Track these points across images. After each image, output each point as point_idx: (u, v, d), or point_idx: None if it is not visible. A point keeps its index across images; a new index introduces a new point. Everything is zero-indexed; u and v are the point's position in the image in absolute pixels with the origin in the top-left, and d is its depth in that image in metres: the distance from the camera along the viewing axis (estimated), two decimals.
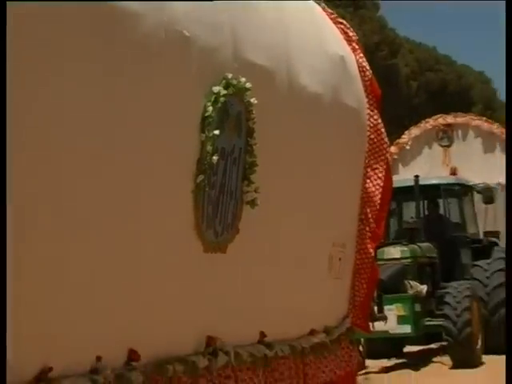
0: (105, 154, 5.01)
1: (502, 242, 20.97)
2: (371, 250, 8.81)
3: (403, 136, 22.23)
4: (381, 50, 47.02)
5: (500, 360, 16.90)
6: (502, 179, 22.62)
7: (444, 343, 17.31)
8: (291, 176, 7.09)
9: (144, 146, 5.35)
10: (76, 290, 4.90)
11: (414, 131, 22.93)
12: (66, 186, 4.74)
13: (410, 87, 55.79)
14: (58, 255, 4.76)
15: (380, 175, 8.74)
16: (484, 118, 24.43)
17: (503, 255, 19.87)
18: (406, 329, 16.54)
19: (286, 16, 7.43)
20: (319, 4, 8.79)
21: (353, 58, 8.60)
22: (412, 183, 17.90)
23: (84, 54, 4.74)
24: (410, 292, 16.50)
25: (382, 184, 8.73)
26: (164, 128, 5.52)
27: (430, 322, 16.84)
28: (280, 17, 7.25)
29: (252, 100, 6.26)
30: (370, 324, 9.72)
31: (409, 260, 16.95)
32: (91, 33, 4.79)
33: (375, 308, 9.84)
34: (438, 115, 23.44)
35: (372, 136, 8.71)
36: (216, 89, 5.95)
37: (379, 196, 8.71)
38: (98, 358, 5.16)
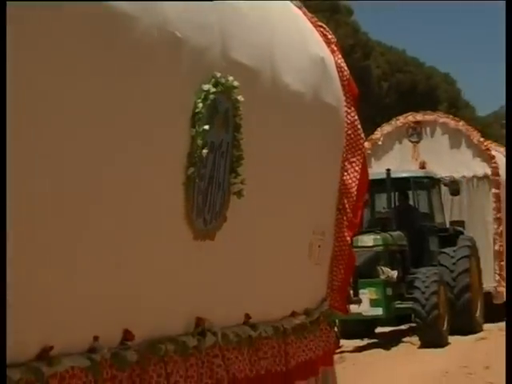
0: (101, 146, 4.97)
1: (467, 231, 21.07)
2: (348, 238, 8.85)
3: (376, 133, 22.31)
4: (354, 52, 47.17)
5: (464, 340, 17.09)
6: (467, 173, 22.79)
7: (413, 325, 17.43)
8: (275, 169, 7.10)
9: (138, 141, 5.32)
10: (75, 274, 4.88)
11: (386, 128, 23.02)
12: (66, 176, 4.72)
13: (382, 87, 55.99)
14: (59, 239, 4.74)
15: (357, 168, 8.77)
16: (450, 116, 24.55)
17: (468, 243, 20.01)
18: (378, 311, 16.64)
19: (270, 18, 7.42)
20: (300, 8, 8.78)
21: (332, 59, 8.61)
22: (384, 176, 17.98)
23: (80, 54, 4.69)
24: (382, 277, 16.59)
25: (358, 176, 8.77)
26: (157, 123, 5.48)
27: (400, 304, 16.93)
28: (265, 18, 7.25)
29: (239, 97, 6.25)
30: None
31: (381, 247, 17.04)
32: (88, 34, 4.75)
33: (351, 292, 9.85)
34: (408, 113, 23.53)
35: (349, 132, 8.74)
36: (206, 87, 5.94)
37: (356, 188, 8.75)
38: (96, 338, 5.15)
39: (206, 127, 5.88)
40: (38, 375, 4.57)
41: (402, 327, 18.28)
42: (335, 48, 8.80)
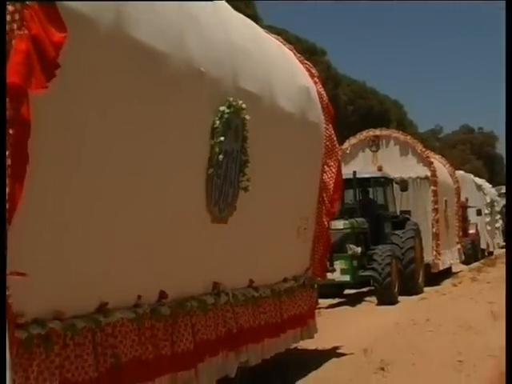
0: (145, 152, 4.96)
1: (412, 218, 21.08)
2: (326, 223, 8.84)
3: (344, 144, 22.16)
4: (327, 83, 47.17)
5: (410, 300, 17.18)
6: (413, 174, 22.75)
7: (372, 288, 17.36)
8: (273, 170, 7.10)
9: (172, 149, 5.31)
10: (125, 248, 4.87)
11: (352, 140, 22.91)
12: (121, 172, 4.72)
13: (348, 110, 55.96)
14: (117, 219, 4.75)
15: (333, 170, 8.75)
16: (400, 132, 24.49)
17: (413, 227, 19.95)
18: (347, 278, 16.55)
19: (270, 56, 7.42)
20: (291, 50, 8.77)
21: (315, 88, 8.59)
22: (351, 176, 17.96)
23: (128, 83, 4.65)
24: (350, 252, 16.49)
25: (334, 176, 8.75)
26: (185, 136, 5.46)
27: (363, 273, 16.84)
28: (266, 57, 7.24)
29: (246, 116, 6.25)
30: None
31: (348, 230, 16.92)
32: (133, 67, 4.70)
33: (327, 263, 9.84)
34: (369, 129, 23.48)
35: (327, 143, 8.71)
36: (221, 108, 5.93)
37: (332, 185, 8.73)
38: (139, 297, 5.15)
39: (222, 139, 5.89)
40: (97, 324, 4.56)
41: (364, 290, 18.22)
42: (317, 80, 8.79)
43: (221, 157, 5.88)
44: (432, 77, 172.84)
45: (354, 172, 18.65)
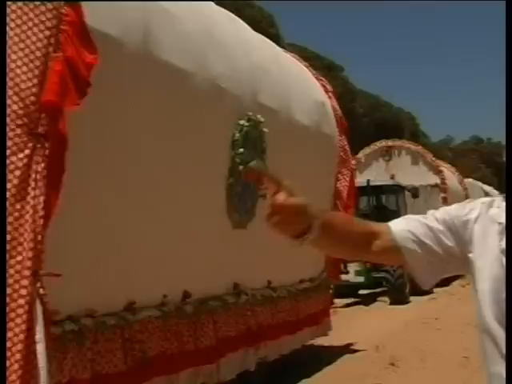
0: (172, 164, 5.03)
1: None
2: None
3: (359, 154, 22.18)
4: (344, 97, 47.14)
5: (420, 300, 17.11)
6: (423, 182, 22.73)
7: (385, 289, 17.31)
8: (289, 179, 7.07)
9: (195, 160, 5.36)
10: (150, 251, 4.92)
11: (367, 150, 22.92)
12: (152, 179, 4.78)
13: (363, 122, 55.87)
14: (148, 224, 4.80)
15: (346, 179, 8.76)
16: (412, 142, 24.47)
17: None
18: (361, 279, 16.56)
19: (287, 74, 7.46)
20: (307, 67, 8.81)
21: (329, 103, 8.61)
22: (365, 184, 17.96)
23: (151, 101, 4.69)
24: None
25: (347, 184, 8.76)
26: (208, 147, 5.51)
27: (376, 274, 16.80)
28: (284, 74, 7.28)
29: (264, 129, 6.29)
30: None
31: None
32: (156, 86, 4.75)
33: (342, 265, 9.84)
34: (382, 140, 23.48)
35: (341, 153, 8.73)
36: (241, 122, 5.98)
37: (346, 192, 8.74)
38: (165, 296, 5.20)
39: (241, 150, 5.93)
40: (126, 321, 4.63)
41: (377, 290, 18.19)
42: (331, 95, 8.81)
43: (241, 167, 5.94)
44: (444, 90, 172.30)
45: (368, 180, 18.66)
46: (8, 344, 3.34)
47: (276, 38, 32.08)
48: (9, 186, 3.42)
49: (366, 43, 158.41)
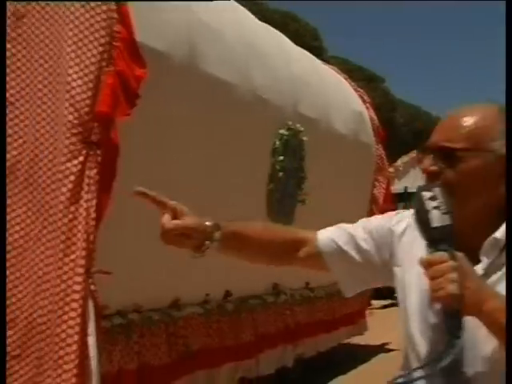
0: (216, 170, 5.11)
1: None
2: None
3: (398, 161, 22.08)
4: (385, 107, 46.84)
5: None
6: None
7: None
8: (327, 186, 7.13)
9: (238, 167, 5.44)
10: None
11: (404, 158, 22.80)
12: (200, 182, 4.86)
13: (402, 131, 55.53)
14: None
15: (383, 185, 8.77)
16: None
17: None
18: None
19: (327, 85, 7.49)
20: (346, 79, 8.85)
21: (366, 113, 8.62)
22: (403, 191, 17.96)
23: (197, 112, 4.77)
24: None
25: (383, 191, 8.77)
26: (251, 155, 5.60)
27: None
28: (323, 86, 7.31)
29: (304, 138, 6.35)
30: None
31: None
32: (201, 97, 4.84)
33: None
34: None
35: (378, 161, 8.74)
36: (281, 131, 6.04)
37: (382, 198, 8.76)
38: (207, 295, 5.31)
39: (281, 158, 6.00)
40: (171, 317, 4.75)
41: None
42: (369, 105, 8.83)
43: (280, 173, 6.00)
44: (482, 99, 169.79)
45: (406, 187, 18.62)
46: (63, 335, 3.48)
47: (320, 51, 32.11)
48: (64, 190, 3.56)
49: (407, 56, 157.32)
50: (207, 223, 2.09)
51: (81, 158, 3.56)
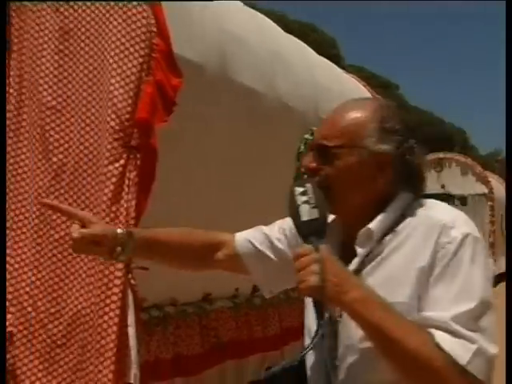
0: (245, 174, 5.16)
1: None
2: None
3: None
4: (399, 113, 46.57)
5: None
6: (472, 191, 22.51)
7: None
8: None
9: (264, 171, 5.48)
10: None
11: None
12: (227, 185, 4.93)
13: (417, 137, 55.27)
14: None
15: None
16: (462, 155, 24.25)
17: None
18: None
19: (347, 91, 7.47)
20: (365, 86, 8.86)
21: None
22: None
23: (227, 119, 4.79)
24: None
25: None
26: (276, 158, 5.62)
27: None
28: (344, 92, 7.29)
29: None
30: None
31: None
32: (232, 105, 4.86)
33: None
34: (434, 153, 23.34)
35: None
36: (305, 135, 6.05)
37: None
38: (236, 289, 5.37)
39: None
40: (203, 310, 4.81)
41: None
42: None
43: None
44: (493, 105, 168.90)
45: None
46: (104, 326, 3.56)
47: (337, 59, 32.11)
48: (106, 191, 3.64)
49: (420, 64, 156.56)
50: (119, 230, 2.08)
51: (122, 162, 3.63)
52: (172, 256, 2.32)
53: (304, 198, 1.90)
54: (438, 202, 2.10)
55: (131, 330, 3.61)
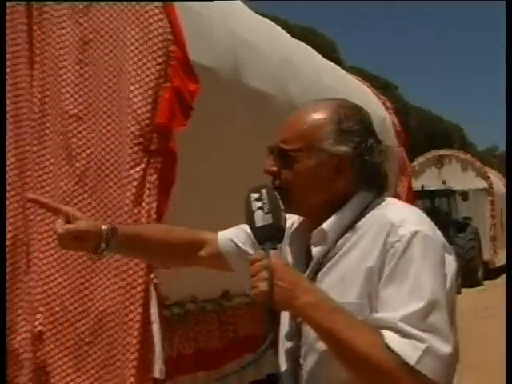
0: (260, 175, 5.10)
1: (472, 223, 20.79)
2: None
3: (414, 162, 22.06)
4: (399, 112, 46.68)
5: (471, 291, 16.96)
6: (472, 186, 22.47)
7: None
8: None
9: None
10: None
11: (421, 159, 22.79)
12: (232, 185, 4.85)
13: (416, 134, 55.28)
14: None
15: (405, 184, 8.73)
16: (461, 152, 24.29)
17: (473, 230, 19.73)
18: None
19: (352, 92, 7.48)
20: (369, 87, 8.86)
21: (389, 118, 8.62)
22: (420, 189, 17.95)
23: (240, 123, 4.79)
24: None
25: (406, 190, 8.76)
26: None
27: None
28: (350, 92, 7.29)
29: None
30: None
31: None
32: (246, 108, 4.85)
33: None
34: (435, 150, 23.34)
35: (400, 162, 8.73)
36: None
37: (405, 196, 8.73)
38: None
39: None
40: (222, 307, 4.82)
41: None
42: (391, 111, 8.84)
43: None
44: (490, 102, 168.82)
45: (422, 185, 18.61)
46: (130, 323, 3.59)
47: (338, 62, 32.09)
48: (128, 194, 3.66)
49: (418, 65, 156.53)
50: (103, 226, 2.03)
51: (142, 166, 3.65)
52: (155, 253, 2.29)
53: (258, 204, 1.89)
54: (397, 200, 2.08)
55: (155, 327, 3.63)
